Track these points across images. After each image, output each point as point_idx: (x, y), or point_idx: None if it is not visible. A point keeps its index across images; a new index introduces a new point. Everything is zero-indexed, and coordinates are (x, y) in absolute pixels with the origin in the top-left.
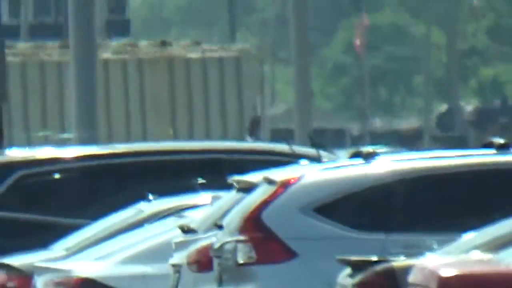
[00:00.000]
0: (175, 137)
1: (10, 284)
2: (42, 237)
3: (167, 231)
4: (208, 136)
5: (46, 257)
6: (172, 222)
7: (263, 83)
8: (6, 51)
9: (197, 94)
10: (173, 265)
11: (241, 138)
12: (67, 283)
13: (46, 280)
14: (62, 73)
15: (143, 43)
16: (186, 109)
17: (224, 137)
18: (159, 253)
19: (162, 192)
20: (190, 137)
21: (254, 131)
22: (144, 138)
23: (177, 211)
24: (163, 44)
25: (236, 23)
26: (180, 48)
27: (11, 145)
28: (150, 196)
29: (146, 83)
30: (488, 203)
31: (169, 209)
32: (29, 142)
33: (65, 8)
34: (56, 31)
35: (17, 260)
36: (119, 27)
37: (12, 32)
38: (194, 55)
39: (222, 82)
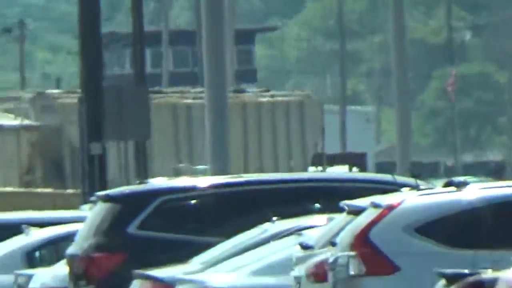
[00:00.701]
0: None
1: None
2: (181, 253)
3: (288, 248)
4: (276, 170)
5: (186, 270)
6: (293, 240)
7: (323, 124)
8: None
9: (266, 133)
10: (295, 277)
11: (304, 171)
12: None
13: None
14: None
15: None
16: (257, 146)
17: (289, 170)
18: (282, 266)
19: (284, 214)
20: (261, 170)
21: (362, 164)
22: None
23: (297, 231)
24: (237, 91)
25: (346, 73)
26: (252, 95)
27: (154, 175)
28: (274, 218)
29: None
30: None
31: (290, 229)
32: (170, 173)
33: (201, 59)
34: (192, 79)
35: (161, 273)
36: (247, 76)
37: (154, 81)
38: (264, 100)
39: (287, 123)
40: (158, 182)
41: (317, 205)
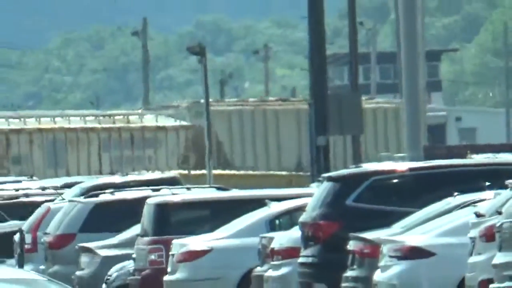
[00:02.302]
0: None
1: (365, 250)
2: (386, 220)
3: (466, 216)
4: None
5: (389, 233)
6: (469, 210)
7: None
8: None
9: (368, 134)
10: (470, 238)
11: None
12: (401, 249)
13: (388, 248)
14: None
15: None
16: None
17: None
18: (461, 230)
19: (463, 190)
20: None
21: None
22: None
23: (473, 203)
24: None
25: (509, 85)
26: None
27: (367, 161)
28: (455, 193)
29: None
30: None
31: (467, 201)
32: (377, 159)
33: (400, 73)
34: (394, 89)
35: (371, 235)
36: (434, 86)
37: (365, 90)
38: (368, 106)
39: (385, 126)
40: (369, 166)
41: (488, 183)
